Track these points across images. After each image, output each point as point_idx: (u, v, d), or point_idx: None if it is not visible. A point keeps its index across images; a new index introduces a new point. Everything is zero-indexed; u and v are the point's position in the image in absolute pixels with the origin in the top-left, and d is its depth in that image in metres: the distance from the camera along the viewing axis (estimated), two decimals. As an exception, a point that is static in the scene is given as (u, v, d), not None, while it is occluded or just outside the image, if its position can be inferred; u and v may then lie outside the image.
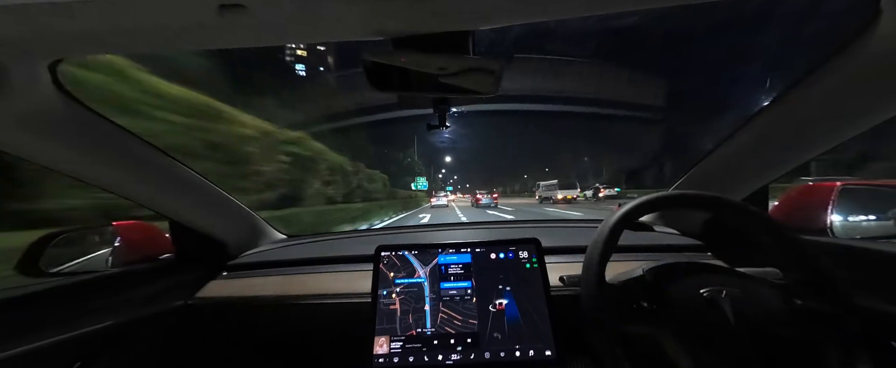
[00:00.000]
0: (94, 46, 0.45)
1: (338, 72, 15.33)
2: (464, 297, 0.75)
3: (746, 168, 0.81)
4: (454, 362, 0.69)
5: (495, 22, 0.45)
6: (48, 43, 0.42)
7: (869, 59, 0.50)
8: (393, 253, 0.81)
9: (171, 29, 0.41)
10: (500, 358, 0.69)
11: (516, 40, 15.88)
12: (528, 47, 19.45)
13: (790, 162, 0.74)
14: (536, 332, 0.70)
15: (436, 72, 0.49)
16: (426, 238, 1.12)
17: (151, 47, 0.48)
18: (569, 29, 45.42)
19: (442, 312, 0.74)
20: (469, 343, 0.70)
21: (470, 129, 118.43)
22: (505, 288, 0.75)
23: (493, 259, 0.79)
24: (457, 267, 0.78)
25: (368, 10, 0.39)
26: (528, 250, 0.79)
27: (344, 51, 25.19)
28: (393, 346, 0.71)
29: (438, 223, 1.40)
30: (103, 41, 0.44)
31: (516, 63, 14.70)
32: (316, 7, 0.38)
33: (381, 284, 0.77)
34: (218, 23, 0.39)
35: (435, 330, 0.72)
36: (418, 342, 0.71)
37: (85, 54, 0.48)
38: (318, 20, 0.41)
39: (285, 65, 30.71)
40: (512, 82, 11.12)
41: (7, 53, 0.43)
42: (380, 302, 0.75)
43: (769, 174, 0.80)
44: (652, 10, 0.43)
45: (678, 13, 37.53)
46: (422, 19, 0.42)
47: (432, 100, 0.59)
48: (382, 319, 0.73)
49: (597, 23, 37.64)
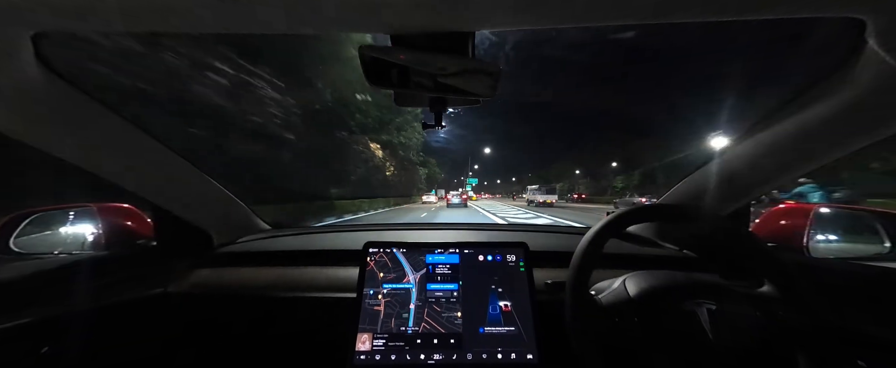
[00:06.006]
0: (83, 21, 0.44)
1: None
2: (450, 299, 0.75)
3: (731, 184, 0.83)
4: (436, 362, 0.69)
5: (496, 25, 0.45)
6: (31, 11, 0.41)
7: (854, 85, 0.52)
8: (381, 250, 0.80)
9: (166, 9, 0.40)
10: (483, 360, 0.69)
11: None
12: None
13: (773, 181, 0.77)
14: (520, 336, 0.71)
15: (435, 71, 0.49)
16: (414, 237, 1.11)
17: (144, 27, 0.47)
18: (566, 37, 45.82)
19: (427, 312, 0.74)
20: (452, 343, 0.70)
21: (464, 131, 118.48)
22: (491, 290, 0.75)
23: (481, 261, 0.79)
24: (444, 268, 0.78)
25: (370, 4, 0.39)
26: (516, 254, 0.80)
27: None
28: (375, 344, 0.70)
29: (427, 222, 1.42)
30: (92, 17, 0.42)
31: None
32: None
33: (368, 283, 0.76)
34: (215, 6, 0.38)
35: (418, 330, 0.72)
36: (401, 340, 0.71)
37: (73, 29, 0.46)
38: (318, 11, 0.40)
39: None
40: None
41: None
42: (365, 301, 0.74)
43: (753, 192, 0.82)
44: (647, 26, 0.44)
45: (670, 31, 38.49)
46: (423, 17, 0.42)
47: (429, 100, 0.59)
48: (366, 316, 0.73)
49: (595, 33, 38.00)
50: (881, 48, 0.45)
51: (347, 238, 1.14)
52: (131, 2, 0.39)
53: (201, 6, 0.39)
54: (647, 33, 37.91)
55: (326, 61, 14.66)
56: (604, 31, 13.29)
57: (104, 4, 0.39)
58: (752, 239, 0.61)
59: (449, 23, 0.43)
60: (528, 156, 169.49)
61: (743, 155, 0.75)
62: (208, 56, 8.98)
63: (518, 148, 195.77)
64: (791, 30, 39.76)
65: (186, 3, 0.38)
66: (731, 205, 0.87)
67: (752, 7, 0.41)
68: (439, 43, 0.46)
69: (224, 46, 9.26)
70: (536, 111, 53.69)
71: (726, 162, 0.80)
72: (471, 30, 0.47)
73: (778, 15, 0.41)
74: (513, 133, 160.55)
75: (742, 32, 43.30)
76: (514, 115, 68.91)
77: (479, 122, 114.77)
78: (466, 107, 0.65)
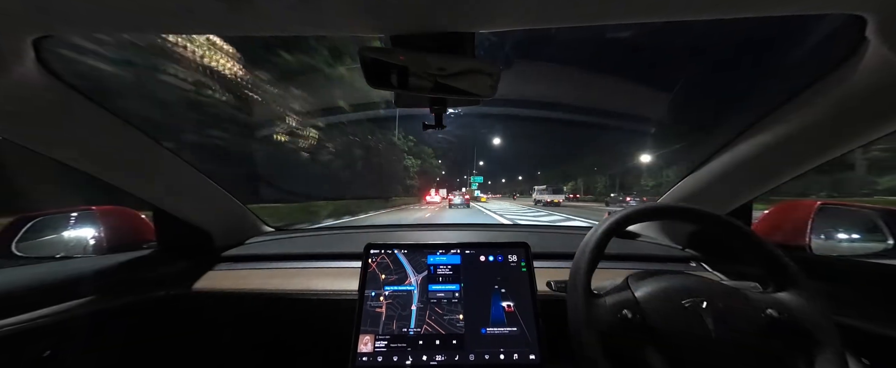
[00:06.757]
0: (84, 26, 0.44)
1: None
2: (451, 300, 0.75)
3: (733, 182, 0.83)
4: (438, 363, 0.69)
5: (497, 26, 0.45)
6: (33, 16, 0.41)
7: (853, 84, 0.52)
8: (382, 251, 0.80)
9: (168, 12, 0.40)
10: (485, 361, 0.69)
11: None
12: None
13: (775, 179, 0.77)
14: (522, 336, 0.71)
15: (435, 72, 0.49)
16: (415, 237, 1.11)
17: (146, 30, 0.47)
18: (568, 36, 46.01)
19: (429, 313, 0.73)
20: (454, 344, 0.70)
21: (465, 131, 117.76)
22: (493, 290, 0.75)
23: (483, 261, 0.79)
24: (446, 268, 0.78)
25: (371, 5, 0.39)
26: (517, 254, 0.79)
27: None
28: (377, 345, 0.70)
29: (428, 223, 1.41)
30: (93, 21, 0.42)
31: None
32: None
33: (370, 285, 0.76)
34: (217, 9, 0.38)
35: (420, 331, 0.72)
36: (403, 341, 0.71)
37: (74, 32, 0.46)
38: (320, 13, 0.40)
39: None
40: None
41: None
42: (367, 303, 0.74)
43: (755, 190, 0.82)
44: (649, 25, 0.44)
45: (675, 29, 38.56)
46: (424, 18, 0.42)
47: (429, 100, 0.59)
48: (367, 318, 0.73)
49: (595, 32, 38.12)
50: (882, 45, 0.45)
51: (348, 239, 1.14)
52: (132, 5, 0.39)
53: (201, 9, 0.39)
54: (644, 32, 37.66)
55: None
56: (603, 30, 12.95)
57: (105, 8, 0.39)
58: (755, 237, 0.61)
59: (449, 23, 0.43)
60: (537, 156, 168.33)
61: (745, 152, 0.75)
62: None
63: (526, 146, 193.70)
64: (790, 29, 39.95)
65: (186, 7, 0.38)
66: (732, 204, 0.87)
67: (754, 4, 0.40)
68: (440, 43, 0.46)
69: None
70: (544, 111, 52.83)
71: (728, 160, 0.80)
72: (471, 30, 0.47)
73: (780, 12, 0.41)
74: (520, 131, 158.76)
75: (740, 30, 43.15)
76: (521, 117, 67.59)
77: (483, 118, 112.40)
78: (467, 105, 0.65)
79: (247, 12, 0.39)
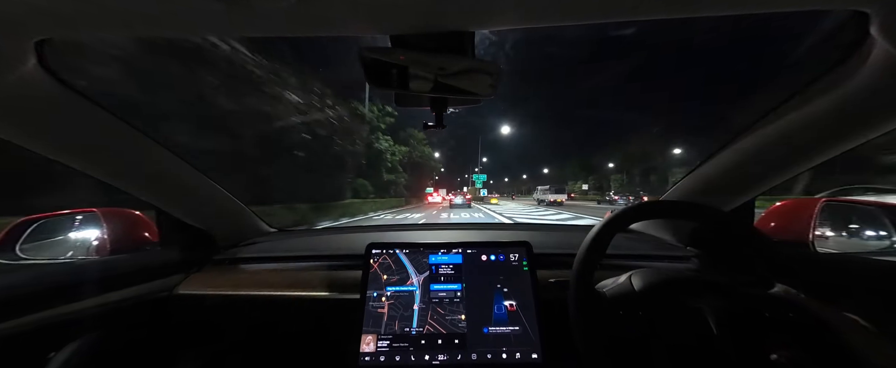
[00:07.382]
0: (85, 27, 0.44)
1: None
2: (453, 300, 0.75)
3: (736, 180, 0.83)
4: (440, 362, 0.69)
5: (497, 24, 0.45)
6: (34, 18, 0.41)
7: (857, 80, 0.52)
8: (384, 251, 0.80)
9: (167, 13, 0.40)
10: (487, 360, 0.69)
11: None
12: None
13: (778, 176, 0.76)
14: (524, 335, 0.71)
15: (435, 71, 0.49)
16: (416, 237, 1.11)
17: (147, 31, 0.47)
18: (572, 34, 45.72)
19: (431, 313, 0.74)
20: (456, 344, 0.70)
21: (464, 130, 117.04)
22: (495, 290, 0.75)
23: (485, 260, 0.79)
24: (447, 268, 0.78)
25: (370, 5, 0.39)
26: (519, 253, 0.79)
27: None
28: (380, 345, 0.70)
29: (429, 223, 1.40)
30: (95, 23, 0.42)
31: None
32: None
33: (372, 285, 0.76)
34: (217, 10, 0.38)
35: (423, 331, 0.72)
36: (405, 341, 0.71)
37: (75, 34, 0.47)
38: (319, 14, 0.40)
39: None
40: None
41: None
42: (369, 303, 0.74)
43: (758, 187, 0.82)
44: (652, 22, 0.44)
45: (679, 26, 37.99)
46: (423, 18, 0.42)
47: (430, 100, 0.59)
48: (370, 318, 0.73)
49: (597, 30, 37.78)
50: (885, 41, 0.44)
51: (350, 239, 1.14)
52: (133, 7, 0.39)
53: (202, 10, 0.39)
54: (643, 31, 37.03)
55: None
56: (603, 29, 12.66)
57: (106, 10, 0.39)
58: (757, 235, 0.60)
59: (449, 23, 0.43)
60: (541, 155, 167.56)
61: (747, 150, 0.75)
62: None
63: (529, 145, 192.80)
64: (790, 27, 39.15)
65: (187, 8, 0.38)
66: (735, 201, 0.86)
67: (757, 0, 0.40)
68: (440, 43, 0.46)
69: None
70: (546, 114, 51.14)
71: (730, 157, 0.79)
72: (471, 29, 0.46)
73: (783, 8, 0.41)
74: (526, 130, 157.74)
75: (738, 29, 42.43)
76: (530, 114, 65.46)
77: (489, 113, 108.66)
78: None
79: (246, 13, 0.39)
